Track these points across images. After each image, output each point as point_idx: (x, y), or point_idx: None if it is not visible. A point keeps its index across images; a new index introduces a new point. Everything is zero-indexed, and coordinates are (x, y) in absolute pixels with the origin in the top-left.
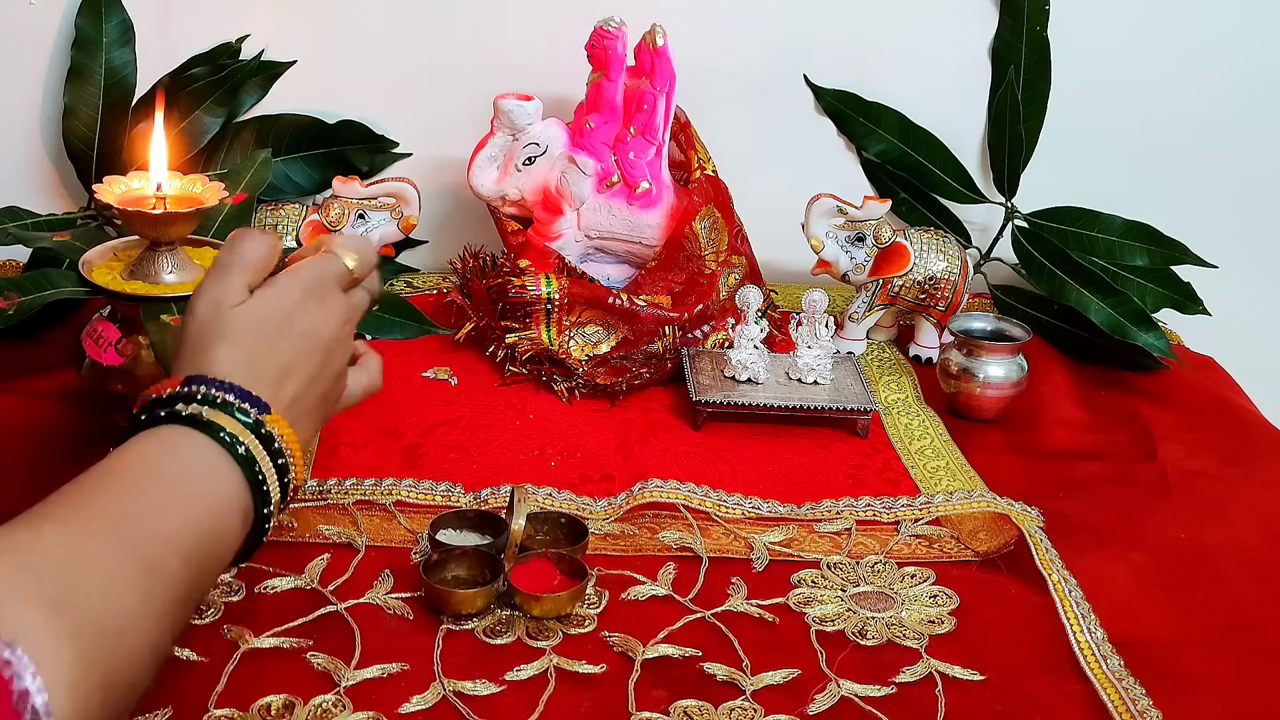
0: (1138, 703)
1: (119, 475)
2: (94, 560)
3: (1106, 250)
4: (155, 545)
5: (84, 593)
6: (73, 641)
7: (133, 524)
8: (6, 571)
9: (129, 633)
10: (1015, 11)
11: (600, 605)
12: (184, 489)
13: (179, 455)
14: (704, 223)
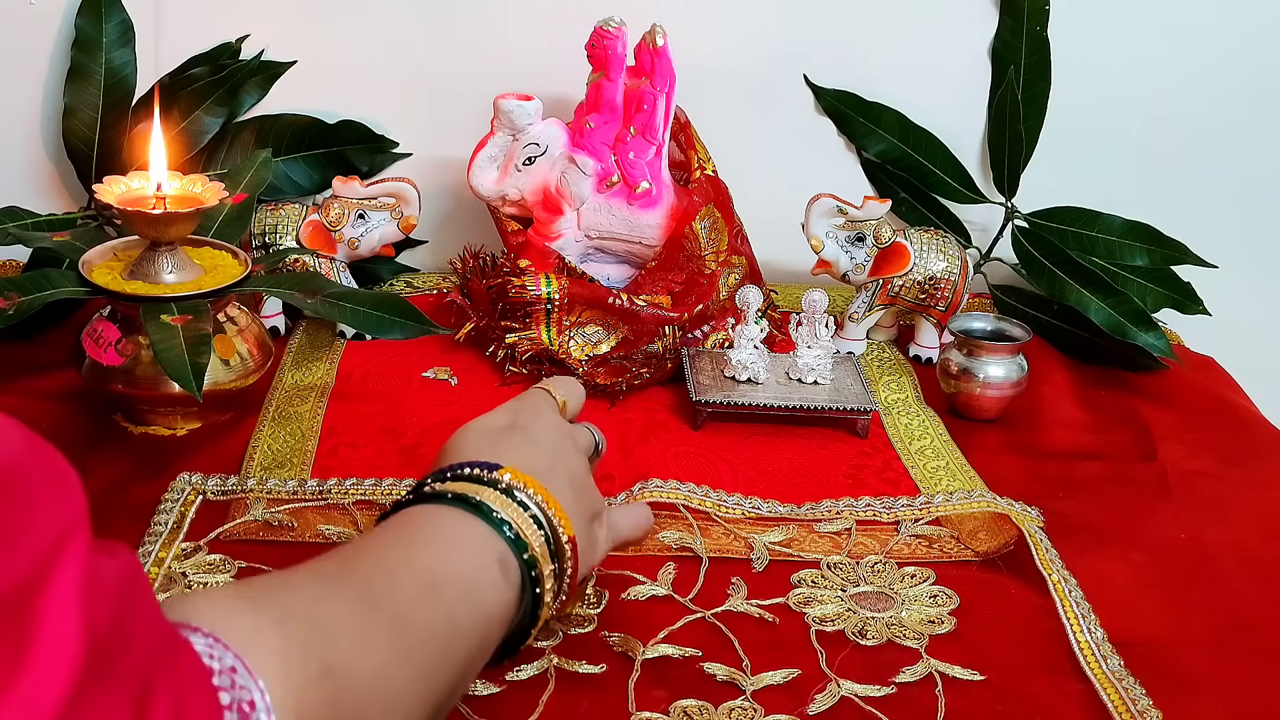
0: (1138, 703)
1: (378, 535)
2: (341, 614)
3: (1106, 250)
4: (408, 602)
5: (333, 639)
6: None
7: (386, 580)
8: (250, 611)
9: (379, 686)
10: (1015, 11)
11: (600, 605)
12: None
13: (437, 527)
14: (704, 223)
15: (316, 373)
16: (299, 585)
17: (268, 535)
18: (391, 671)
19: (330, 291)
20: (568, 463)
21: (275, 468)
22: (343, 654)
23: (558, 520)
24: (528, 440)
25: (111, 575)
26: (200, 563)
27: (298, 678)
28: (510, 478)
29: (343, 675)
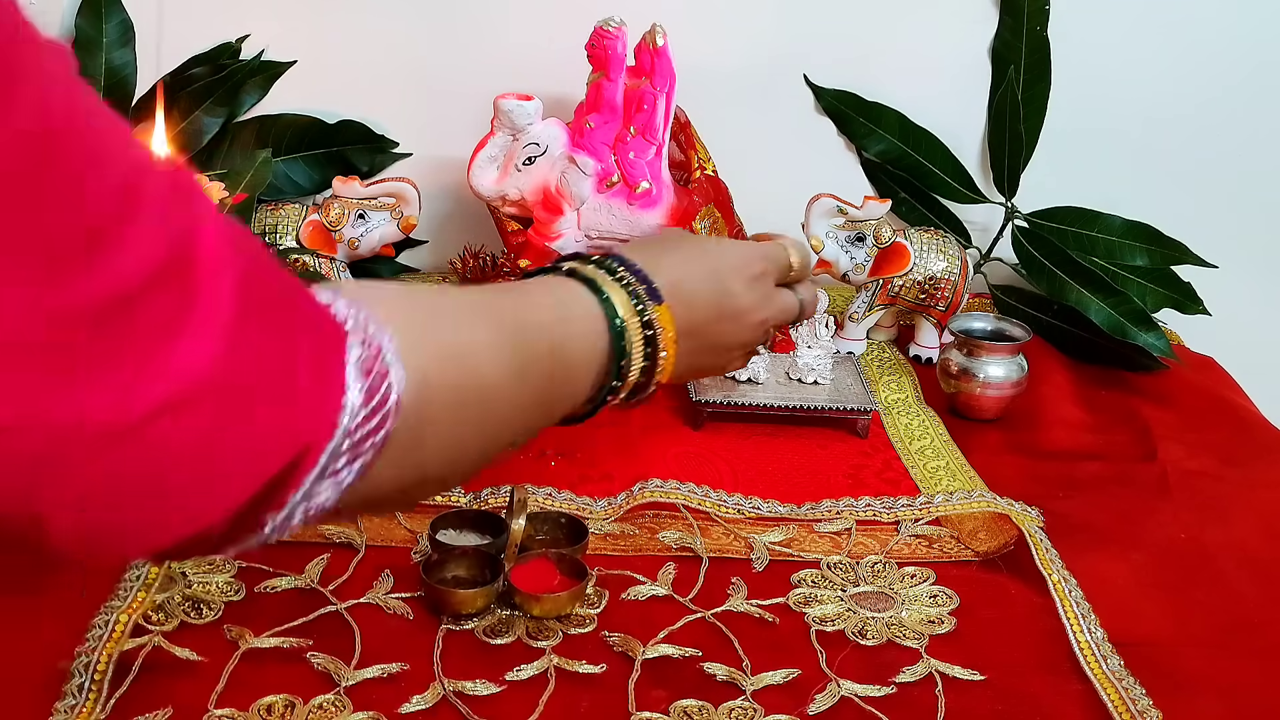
0: (1138, 703)
1: (511, 285)
2: (465, 310)
3: (1106, 250)
4: (525, 329)
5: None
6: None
7: (508, 307)
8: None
9: (492, 389)
10: (1015, 11)
11: (600, 605)
12: (559, 311)
13: (560, 292)
14: (704, 223)
15: None
16: (446, 292)
17: None
18: (505, 382)
19: None
20: (723, 332)
21: None
22: (472, 350)
23: (661, 366)
24: (717, 298)
25: (240, 231)
26: (200, 562)
27: (431, 348)
28: (658, 318)
29: (468, 368)
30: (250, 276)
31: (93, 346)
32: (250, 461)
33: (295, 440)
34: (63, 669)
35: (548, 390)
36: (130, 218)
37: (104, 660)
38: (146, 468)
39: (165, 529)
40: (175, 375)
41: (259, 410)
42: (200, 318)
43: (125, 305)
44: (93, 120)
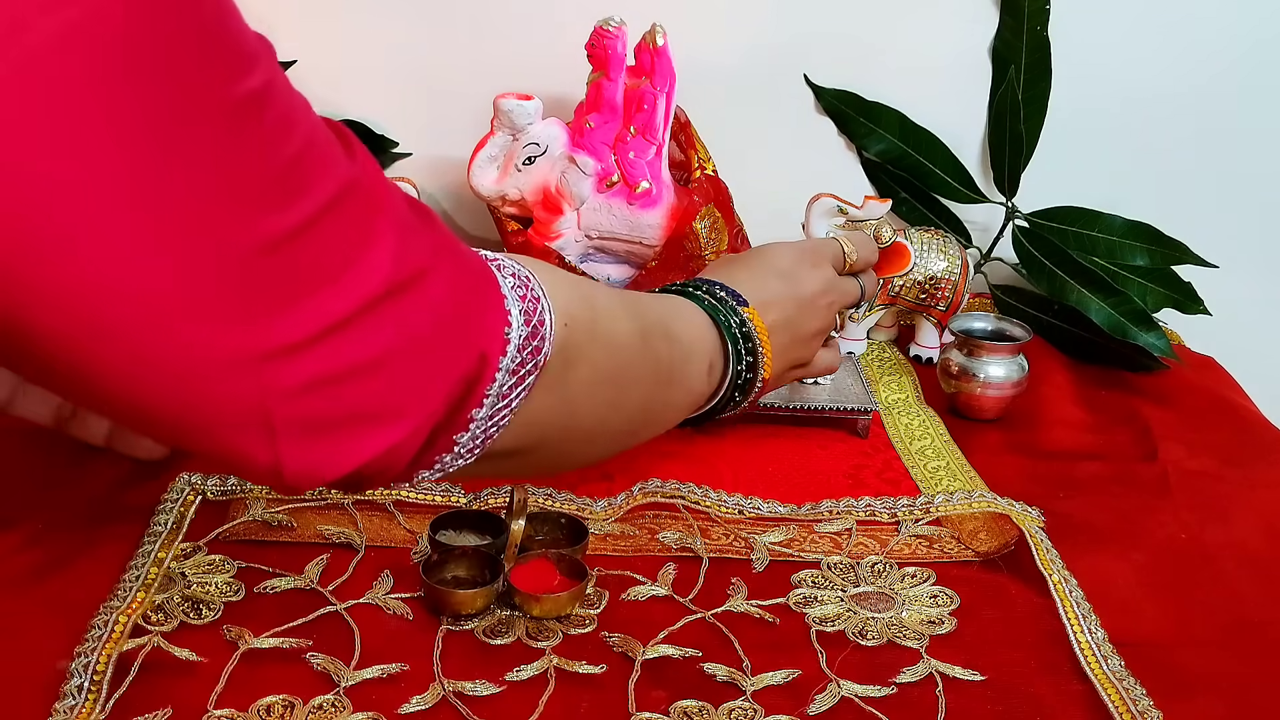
0: (1138, 703)
1: (646, 294)
2: (603, 293)
3: (1107, 250)
4: (640, 304)
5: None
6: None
7: (646, 309)
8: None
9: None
10: (1016, 11)
11: (600, 605)
12: (667, 304)
13: (677, 302)
14: (704, 223)
15: None
16: (588, 280)
17: (267, 535)
18: (630, 340)
19: None
20: (808, 322)
21: None
22: (600, 304)
23: (763, 361)
24: (791, 292)
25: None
26: (200, 563)
27: (566, 292)
28: (749, 317)
29: (600, 314)
30: (407, 212)
31: (296, 266)
32: (439, 366)
33: (474, 349)
34: (61, 669)
35: (668, 364)
36: (317, 160)
37: (103, 660)
38: (345, 375)
39: (366, 441)
40: (364, 285)
41: (441, 322)
42: (377, 243)
43: (317, 231)
44: (289, 86)
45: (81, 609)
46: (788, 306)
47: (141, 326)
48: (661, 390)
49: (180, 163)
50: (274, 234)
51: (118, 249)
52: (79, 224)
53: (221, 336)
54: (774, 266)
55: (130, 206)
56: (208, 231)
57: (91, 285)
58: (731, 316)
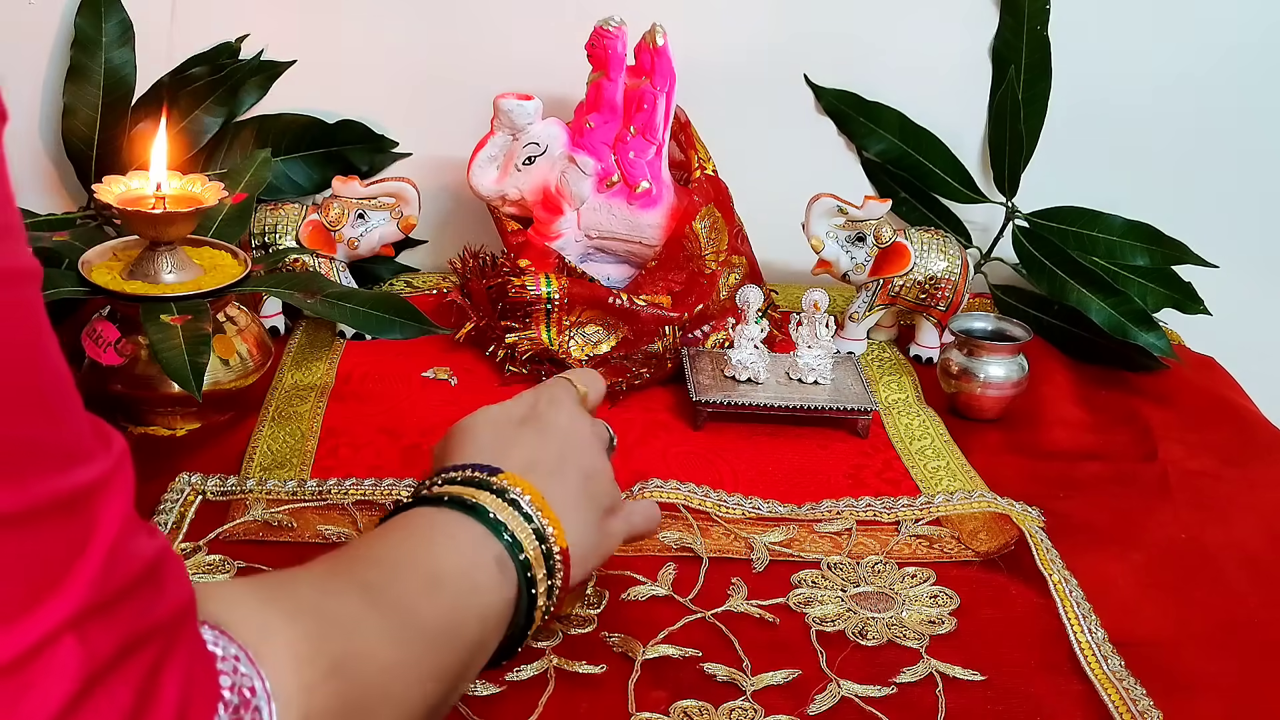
0: (1138, 703)
1: (380, 535)
2: (349, 608)
3: (1107, 250)
4: (412, 597)
5: (338, 632)
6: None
7: (391, 576)
8: (259, 607)
9: (385, 682)
10: (1016, 11)
11: (600, 605)
12: (439, 554)
13: (432, 538)
14: (704, 223)
15: (316, 373)
16: (307, 581)
17: (267, 535)
18: (396, 667)
19: (330, 291)
20: (580, 457)
21: (275, 468)
22: (350, 649)
23: (551, 530)
24: (540, 435)
25: (147, 540)
26: (200, 563)
27: (307, 674)
28: (508, 483)
29: (350, 671)
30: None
31: None
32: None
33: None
34: None
35: (463, 635)
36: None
37: None
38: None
39: None
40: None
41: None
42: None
43: None
44: None
45: None
46: (551, 450)
47: None
48: (467, 659)
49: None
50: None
51: None
52: None
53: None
54: (518, 422)
55: None
56: None
57: None
58: (478, 494)
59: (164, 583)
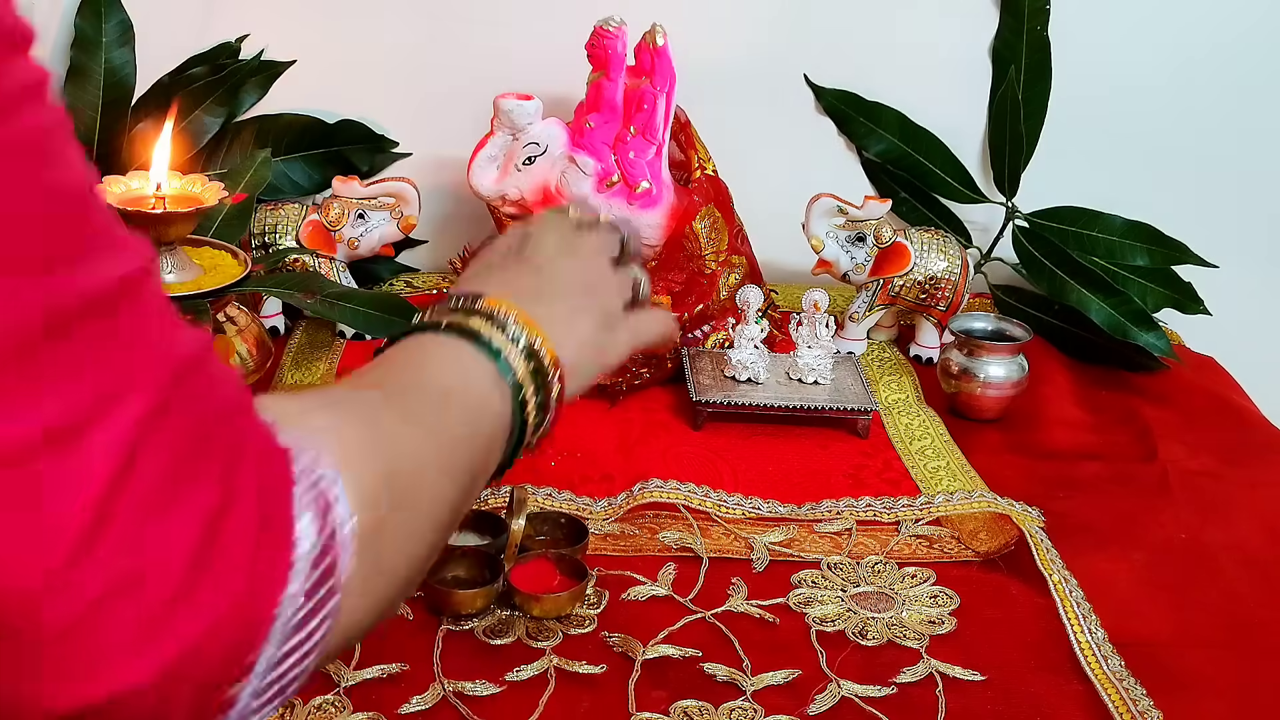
0: (1138, 703)
1: (390, 358)
2: (385, 415)
3: (1107, 250)
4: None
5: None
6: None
7: (414, 392)
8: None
9: (422, 487)
10: (1016, 11)
11: (600, 605)
12: (443, 371)
13: (438, 349)
14: (704, 223)
15: (316, 373)
16: (342, 392)
17: None
18: (430, 470)
19: (330, 291)
20: (571, 275)
21: None
22: (397, 451)
23: (540, 345)
24: (525, 261)
25: (191, 331)
26: None
27: (369, 473)
28: (492, 305)
29: (399, 471)
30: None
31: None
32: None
33: (250, 578)
34: None
35: (472, 443)
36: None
37: None
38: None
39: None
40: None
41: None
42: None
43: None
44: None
45: None
46: (523, 272)
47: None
48: (478, 469)
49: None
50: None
51: None
52: None
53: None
54: (512, 252)
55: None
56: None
57: None
58: (468, 319)
59: (214, 372)
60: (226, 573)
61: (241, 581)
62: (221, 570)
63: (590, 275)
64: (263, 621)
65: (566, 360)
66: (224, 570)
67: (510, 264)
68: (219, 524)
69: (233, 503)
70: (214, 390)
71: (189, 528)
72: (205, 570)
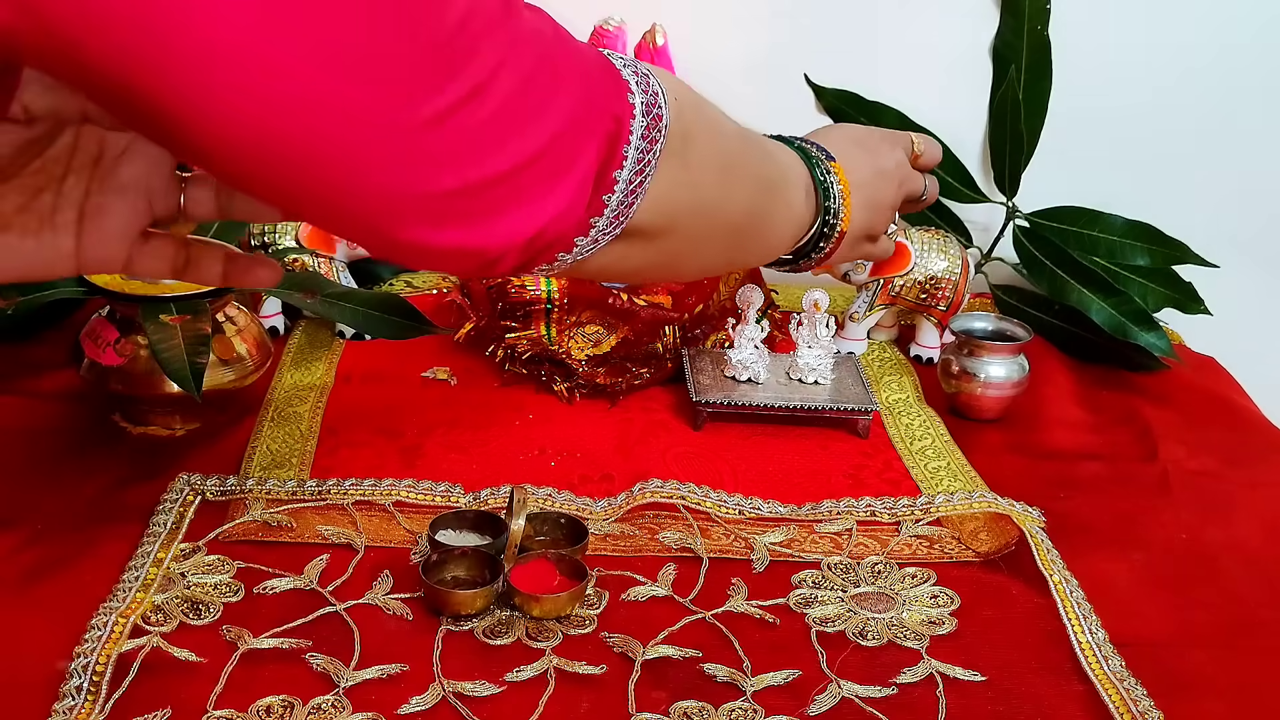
0: (1139, 703)
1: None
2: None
3: (1107, 250)
4: (749, 131)
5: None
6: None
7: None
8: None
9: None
10: (1016, 11)
11: (600, 606)
12: (772, 142)
13: (767, 139)
14: None
15: (316, 373)
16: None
17: (267, 535)
18: (735, 144)
19: (330, 291)
20: (879, 190)
21: (274, 468)
22: (709, 107)
23: (843, 214)
24: (870, 162)
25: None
26: (199, 563)
27: (673, 84)
28: (835, 170)
29: (706, 110)
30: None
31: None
32: (583, 127)
33: (608, 113)
34: (61, 669)
35: (768, 170)
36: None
37: (102, 661)
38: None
39: (539, 204)
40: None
41: (578, 92)
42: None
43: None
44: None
45: (81, 609)
46: (865, 172)
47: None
48: (765, 196)
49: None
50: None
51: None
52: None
53: (385, 102)
54: (853, 137)
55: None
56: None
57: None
58: (818, 166)
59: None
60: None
61: (609, 117)
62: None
63: (888, 170)
64: (621, 138)
65: (856, 195)
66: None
67: (856, 152)
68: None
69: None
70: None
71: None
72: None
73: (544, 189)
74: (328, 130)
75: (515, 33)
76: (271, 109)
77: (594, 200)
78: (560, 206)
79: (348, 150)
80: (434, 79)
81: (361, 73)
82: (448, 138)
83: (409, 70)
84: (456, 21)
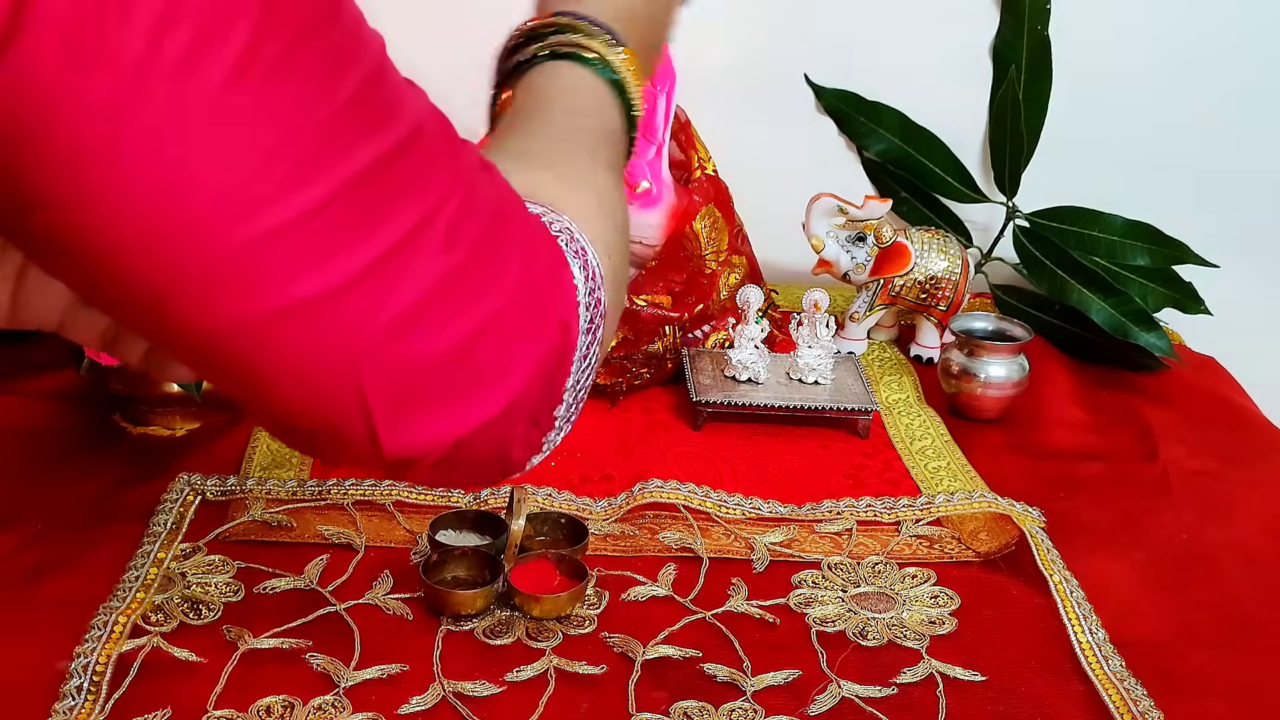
0: (1139, 703)
1: (545, 107)
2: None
3: (1108, 250)
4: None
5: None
6: (600, 217)
7: (586, 156)
8: (513, 165)
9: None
10: (1016, 11)
11: (600, 606)
12: (580, 102)
13: (567, 80)
14: (704, 222)
15: None
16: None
17: (267, 535)
18: (617, 207)
19: None
20: (652, 17)
21: (274, 468)
22: (607, 205)
23: (636, 87)
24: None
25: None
26: (199, 563)
27: (601, 228)
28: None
29: (613, 227)
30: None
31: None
32: (527, 338)
33: (556, 320)
34: (61, 669)
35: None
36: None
37: (103, 661)
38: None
39: (464, 411)
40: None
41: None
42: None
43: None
44: None
45: (81, 609)
46: (640, 27)
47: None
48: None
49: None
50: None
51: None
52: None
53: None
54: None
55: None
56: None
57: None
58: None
59: (454, 141)
60: (542, 317)
61: (555, 320)
62: (541, 315)
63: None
64: (569, 350)
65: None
66: (542, 315)
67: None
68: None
69: (531, 262)
70: (494, 182)
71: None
72: (534, 315)
73: (465, 393)
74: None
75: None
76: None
77: (541, 416)
78: (488, 414)
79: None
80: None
81: None
82: None
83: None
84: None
